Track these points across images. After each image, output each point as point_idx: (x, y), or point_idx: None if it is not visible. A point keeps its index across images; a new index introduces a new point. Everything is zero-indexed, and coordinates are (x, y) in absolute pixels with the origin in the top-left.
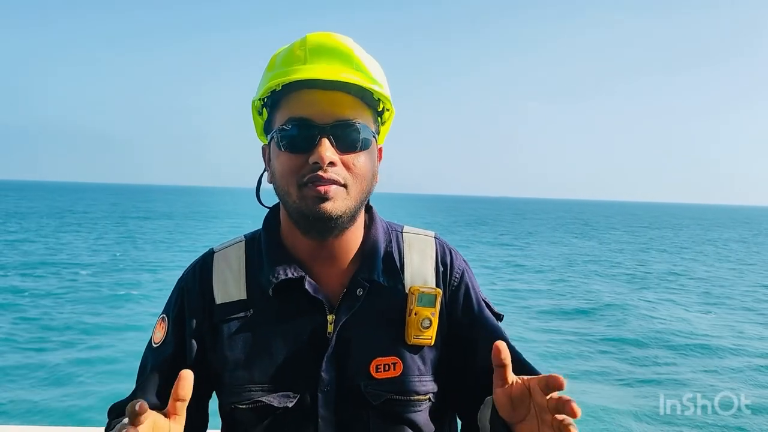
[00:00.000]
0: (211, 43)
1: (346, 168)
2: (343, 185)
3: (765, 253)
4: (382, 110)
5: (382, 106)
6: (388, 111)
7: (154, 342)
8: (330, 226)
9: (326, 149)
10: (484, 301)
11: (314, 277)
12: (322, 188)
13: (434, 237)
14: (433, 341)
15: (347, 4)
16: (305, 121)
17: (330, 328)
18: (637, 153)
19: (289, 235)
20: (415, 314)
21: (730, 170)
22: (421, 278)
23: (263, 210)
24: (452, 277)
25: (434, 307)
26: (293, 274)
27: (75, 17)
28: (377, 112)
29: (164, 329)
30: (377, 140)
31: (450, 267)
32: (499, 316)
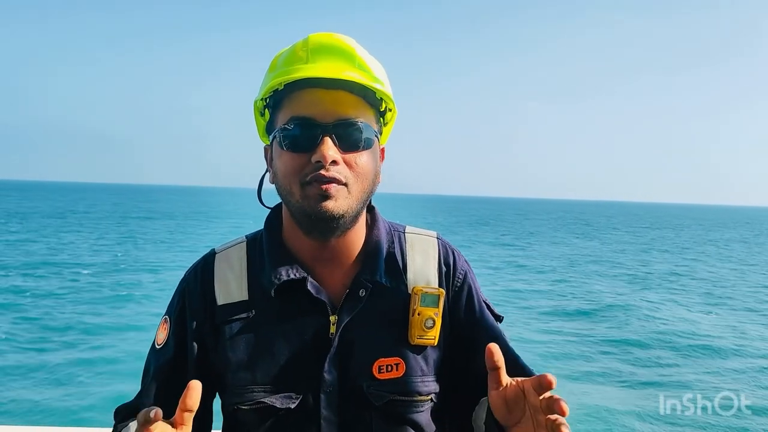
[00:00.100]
0: (211, 43)
1: (348, 167)
2: (344, 184)
3: (766, 254)
4: (384, 110)
5: (384, 105)
6: (390, 111)
7: (157, 344)
8: (332, 225)
9: (329, 148)
10: (484, 302)
11: (316, 278)
12: (324, 186)
13: (436, 237)
14: (436, 341)
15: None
16: (307, 120)
17: (332, 329)
18: (637, 153)
19: (291, 236)
20: (418, 314)
21: (731, 171)
22: (424, 279)
23: (264, 210)
24: (455, 277)
25: (437, 307)
26: (295, 275)
27: (75, 17)
28: (379, 112)
29: (166, 331)
30: (379, 140)
31: (453, 267)
32: (499, 318)
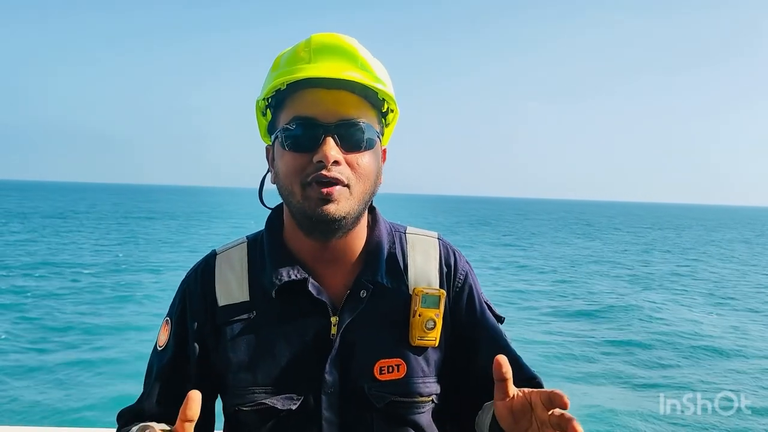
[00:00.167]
0: (211, 43)
1: (350, 167)
2: (345, 185)
3: None
4: (386, 111)
5: (386, 106)
6: (392, 112)
7: (158, 345)
8: (333, 227)
9: (331, 148)
10: (486, 303)
11: (317, 279)
12: (325, 190)
13: (437, 238)
14: (437, 342)
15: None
16: (310, 120)
17: (333, 330)
18: (637, 153)
19: (291, 236)
20: (419, 315)
21: (731, 171)
22: (425, 279)
23: (265, 210)
24: (456, 278)
25: (438, 308)
26: (296, 276)
27: (75, 17)
28: (381, 113)
29: (168, 332)
30: (381, 141)
31: (454, 268)
32: (500, 319)
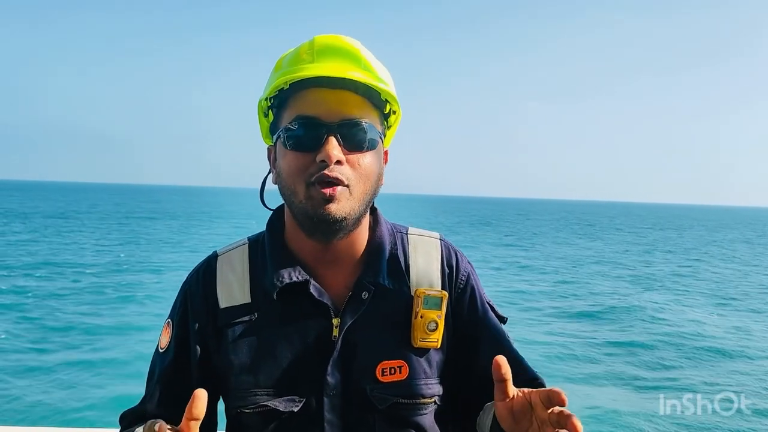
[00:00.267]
0: (212, 43)
1: (352, 167)
2: (346, 185)
3: None
4: (388, 113)
5: (388, 108)
6: (394, 114)
7: (160, 347)
8: (334, 228)
9: (333, 148)
10: (488, 303)
11: (319, 280)
12: (327, 190)
13: (439, 238)
14: (439, 344)
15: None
16: (312, 120)
17: (335, 332)
18: (637, 153)
19: (293, 238)
20: (421, 317)
21: (731, 171)
22: (427, 280)
23: (266, 210)
24: (458, 279)
25: (440, 309)
26: (297, 278)
27: (75, 17)
28: (384, 114)
29: (169, 334)
30: (383, 142)
31: (456, 269)
32: (503, 319)
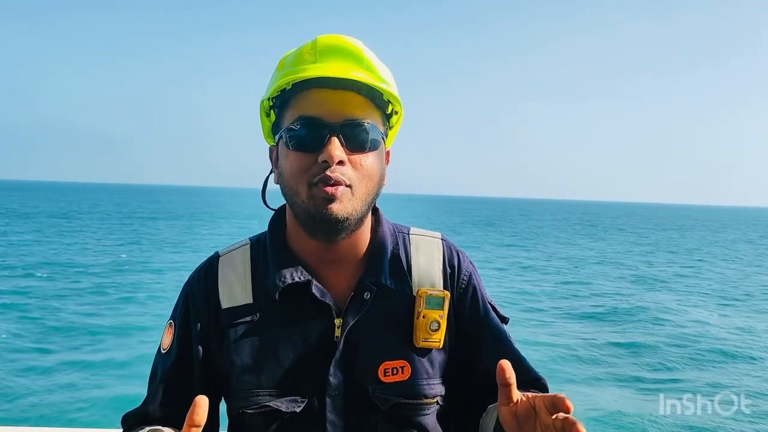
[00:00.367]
0: (211, 44)
1: (354, 168)
2: (348, 185)
3: None
4: (390, 113)
5: (390, 108)
6: (396, 114)
7: (162, 348)
8: (336, 228)
9: (336, 148)
10: (490, 303)
11: (321, 280)
12: (329, 189)
13: (441, 239)
14: (441, 344)
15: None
16: (315, 120)
17: (337, 332)
18: (637, 153)
19: (295, 238)
20: (423, 317)
21: (731, 171)
22: (429, 280)
23: (267, 210)
24: (460, 279)
25: (442, 309)
26: (299, 278)
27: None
28: (386, 115)
29: (171, 335)
30: (385, 142)
31: (458, 269)
32: (505, 320)
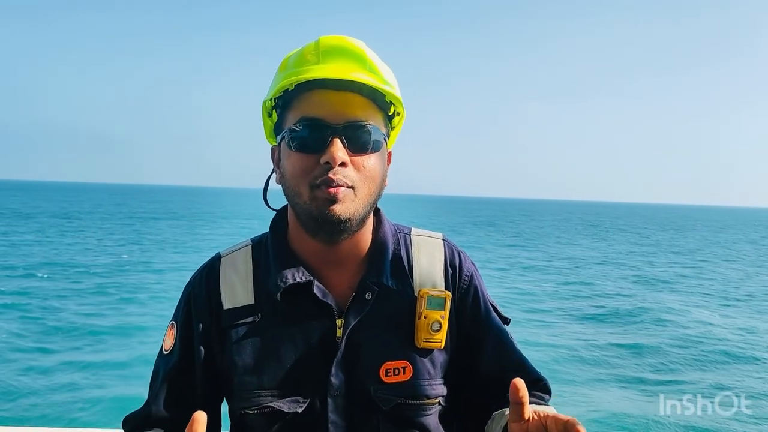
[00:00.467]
0: (211, 44)
1: (356, 169)
2: (350, 187)
3: None
4: (392, 114)
5: (392, 109)
6: (398, 115)
7: (164, 349)
8: (339, 229)
9: (338, 149)
10: (491, 304)
11: (322, 281)
12: (332, 191)
13: (442, 239)
14: (443, 344)
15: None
16: (317, 122)
17: (339, 333)
18: (637, 153)
19: (296, 238)
20: (425, 317)
21: (731, 171)
22: (430, 281)
23: (270, 211)
24: (461, 279)
25: (444, 310)
26: (301, 279)
27: (75, 17)
28: (388, 116)
29: (173, 336)
30: (387, 143)
31: (459, 269)
32: (506, 320)
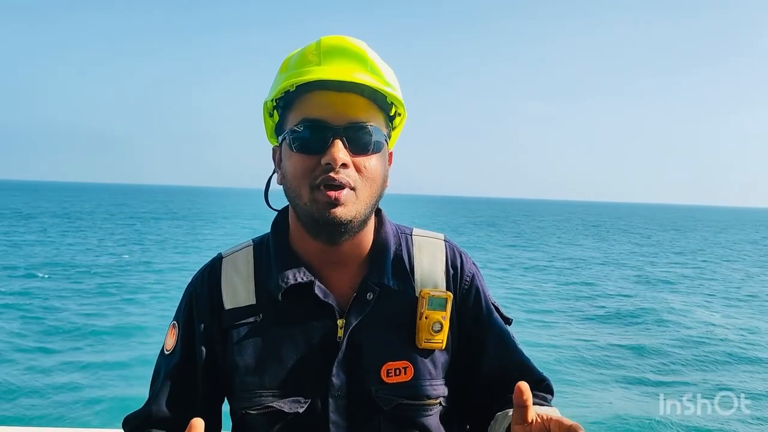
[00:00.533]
0: (211, 44)
1: (357, 170)
2: (352, 188)
3: None
4: (393, 115)
5: (394, 110)
6: (399, 116)
7: (166, 349)
8: (340, 230)
9: (339, 150)
10: (493, 304)
11: (323, 281)
12: (333, 193)
13: (444, 239)
14: (444, 345)
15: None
16: (318, 123)
17: (340, 333)
18: (637, 153)
19: (297, 239)
20: (426, 318)
21: (731, 171)
22: (432, 281)
23: (270, 210)
24: (463, 280)
25: (445, 310)
26: (302, 279)
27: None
28: (389, 117)
29: (175, 336)
30: (388, 144)
31: (460, 270)
32: (508, 321)
